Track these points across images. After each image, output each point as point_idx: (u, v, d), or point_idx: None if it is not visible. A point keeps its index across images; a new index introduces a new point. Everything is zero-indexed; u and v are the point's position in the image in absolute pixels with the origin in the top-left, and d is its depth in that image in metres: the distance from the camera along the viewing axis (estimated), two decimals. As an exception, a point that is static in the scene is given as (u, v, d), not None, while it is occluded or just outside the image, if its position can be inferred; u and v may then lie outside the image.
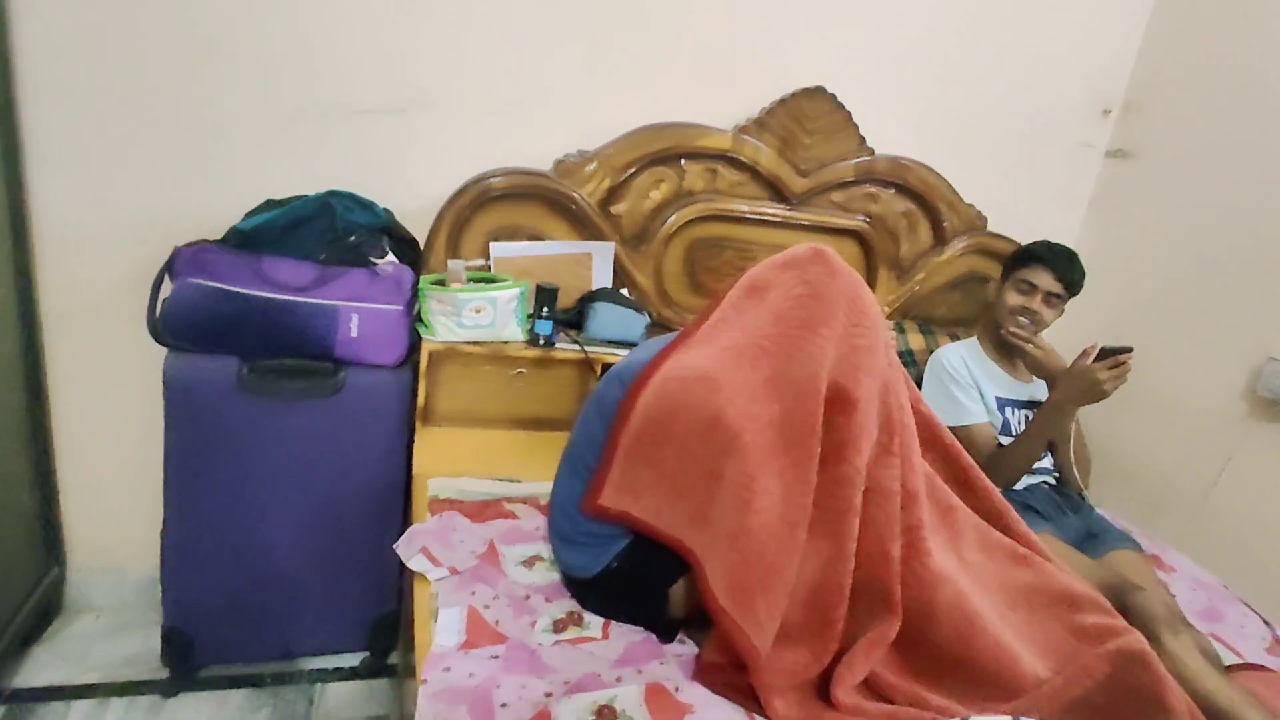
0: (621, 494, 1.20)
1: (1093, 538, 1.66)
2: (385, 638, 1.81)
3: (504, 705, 1.07)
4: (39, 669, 1.69)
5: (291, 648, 1.75)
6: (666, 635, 1.27)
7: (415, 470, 1.71)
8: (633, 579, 1.25)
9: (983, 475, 1.39)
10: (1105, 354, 1.60)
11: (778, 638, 1.14)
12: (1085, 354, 1.61)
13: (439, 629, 1.19)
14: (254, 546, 1.63)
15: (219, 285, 1.49)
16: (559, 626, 1.25)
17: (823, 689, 1.14)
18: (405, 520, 1.66)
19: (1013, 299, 1.78)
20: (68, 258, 1.67)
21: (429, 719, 1.02)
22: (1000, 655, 1.13)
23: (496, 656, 1.16)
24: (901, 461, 1.21)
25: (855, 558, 1.14)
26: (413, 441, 1.70)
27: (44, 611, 1.80)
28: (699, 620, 1.22)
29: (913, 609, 1.16)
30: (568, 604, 1.32)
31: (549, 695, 1.10)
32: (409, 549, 1.38)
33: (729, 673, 1.12)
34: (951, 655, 1.14)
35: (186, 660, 1.65)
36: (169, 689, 1.66)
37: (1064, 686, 1.11)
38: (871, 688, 1.13)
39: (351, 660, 1.82)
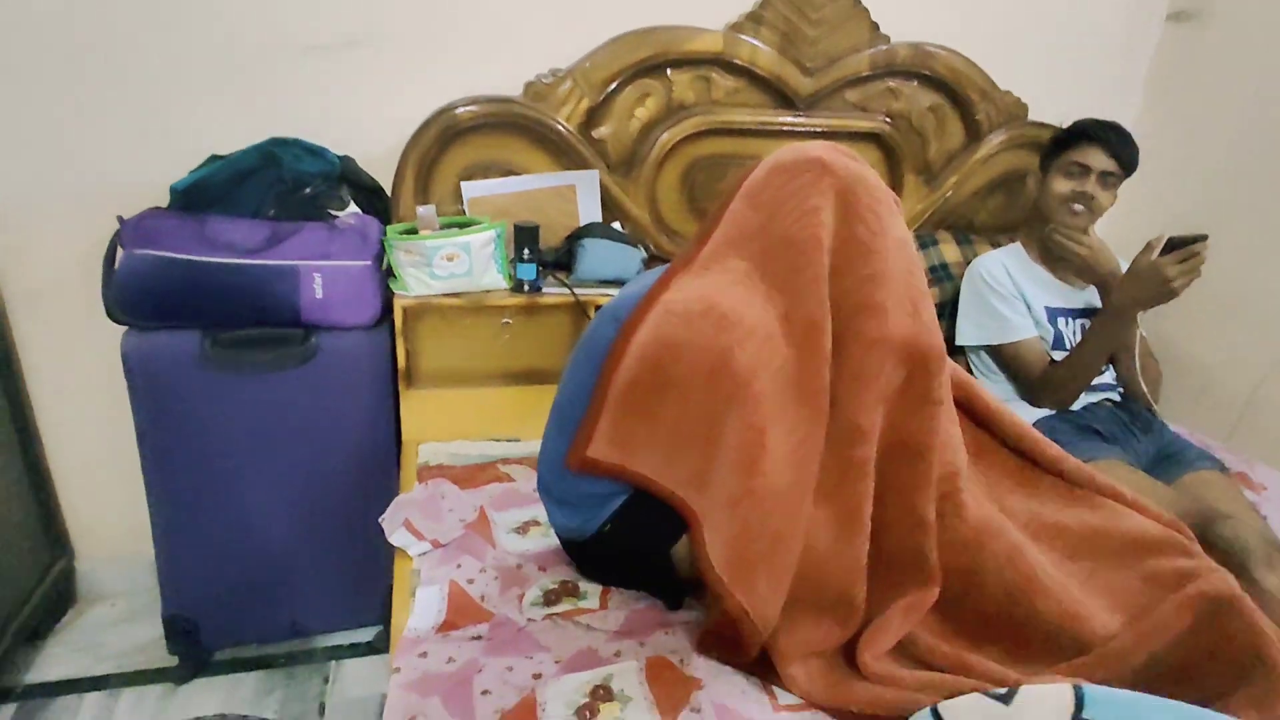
0: (613, 446, 1.05)
1: (1167, 459, 1.46)
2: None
3: (485, 692, 0.95)
4: (53, 662, 1.66)
5: (302, 627, 1.69)
6: (672, 600, 1.13)
7: (404, 437, 1.59)
8: (631, 540, 1.11)
9: (1004, 408, 1.18)
10: (1173, 245, 1.37)
11: (794, 606, 0.99)
12: (1150, 247, 1.38)
13: (416, 610, 1.08)
14: (246, 526, 1.55)
15: (165, 254, 1.36)
16: (551, 598, 1.13)
17: (849, 656, 1.00)
18: (397, 489, 1.55)
19: (1061, 186, 1.54)
20: (22, 238, 1.57)
21: (399, 713, 0.91)
22: (1062, 613, 0.96)
23: (479, 637, 1.05)
24: (939, 407, 1.01)
25: (881, 525, 0.98)
26: (399, 406, 1.58)
27: (56, 602, 1.77)
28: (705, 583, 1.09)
29: (956, 569, 0.99)
30: (563, 572, 1.19)
31: (537, 677, 0.99)
32: (393, 522, 1.26)
33: (733, 646, 0.98)
34: (1003, 616, 0.98)
35: (193, 646, 1.60)
36: (180, 676, 1.61)
37: (1136, 643, 0.94)
38: (907, 652, 0.98)
39: (366, 635, 1.76)
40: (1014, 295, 1.58)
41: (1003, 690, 0.82)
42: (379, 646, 1.73)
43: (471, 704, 0.94)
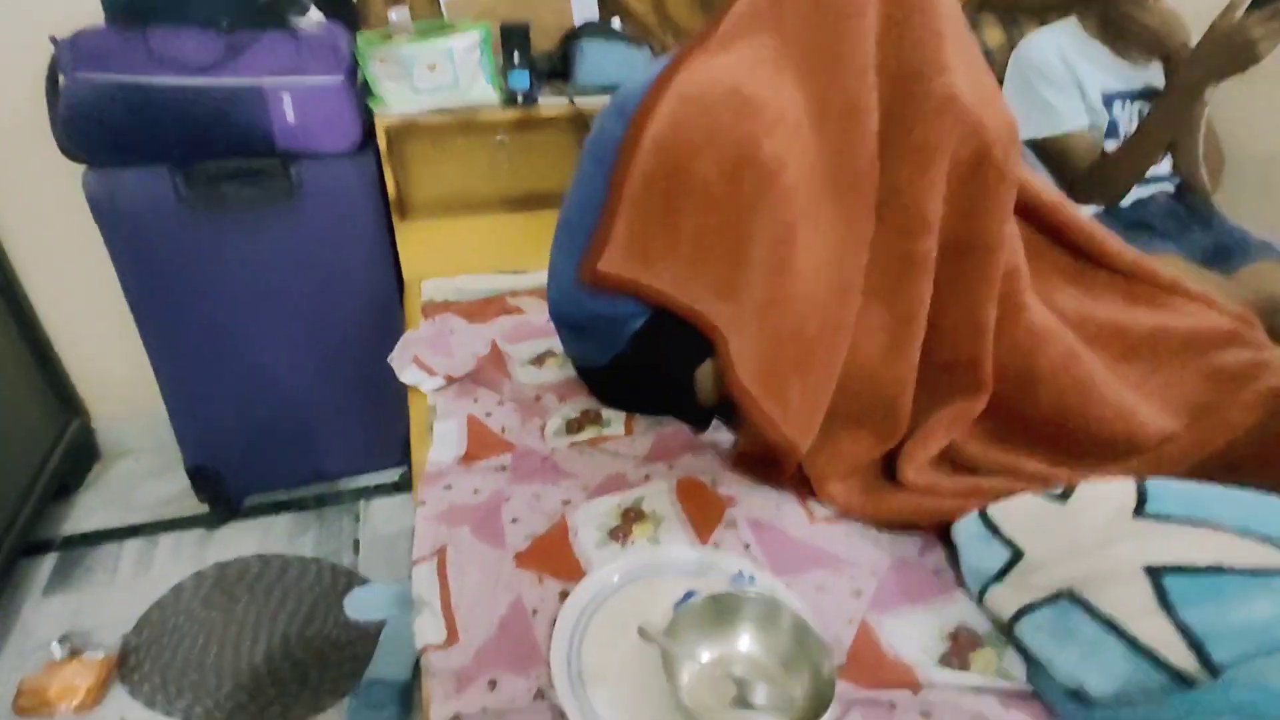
0: (628, 258, 0.95)
1: (1224, 252, 1.36)
2: (418, 450, 1.73)
3: (514, 520, 0.93)
4: (86, 514, 1.69)
5: (326, 471, 1.70)
6: (699, 423, 1.08)
7: (405, 274, 1.50)
8: (653, 365, 1.04)
9: (1059, 197, 1.05)
10: (1258, 3, 1.19)
11: (833, 420, 0.93)
12: (1233, 6, 1.20)
13: (435, 444, 1.04)
14: (255, 376, 1.51)
15: (111, 78, 1.21)
16: (574, 426, 1.08)
17: (888, 471, 0.96)
18: (404, 330, 1.48)
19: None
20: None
21: (428, 545, 0.89)
22: (1116, 417, 0.90)
23: (504, 468, 1.01)
24: (1011, 192, 0.88)
25: (934, 329, 0.89)
26: (395, 242, 1.48)
27: (79, 458, 1.77)
28: (733, 404, 1.03)
29: (1008, 375, 0.92)
30: (584, 401, 1.14)
31: (566, 503, 0.96)
32: (402, 360, 1.20)
33: (767, 466, 0.94)
34: (1054, 422, 0.92)
35: (221, 494, 1.61)
36: (213, 521, 1.64)
37: (1196, 443, 0.88)
38: (950, 462, 0.93)
39: (391, 476, 1.77)
40: (1066, 80, 1.41)
41: (1058, 489, 0.77)
42: (404, 486, 1.75)
43: (501, 531, 0.91)
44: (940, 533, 0.92)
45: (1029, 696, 0.73)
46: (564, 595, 0.82)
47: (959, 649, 0.78)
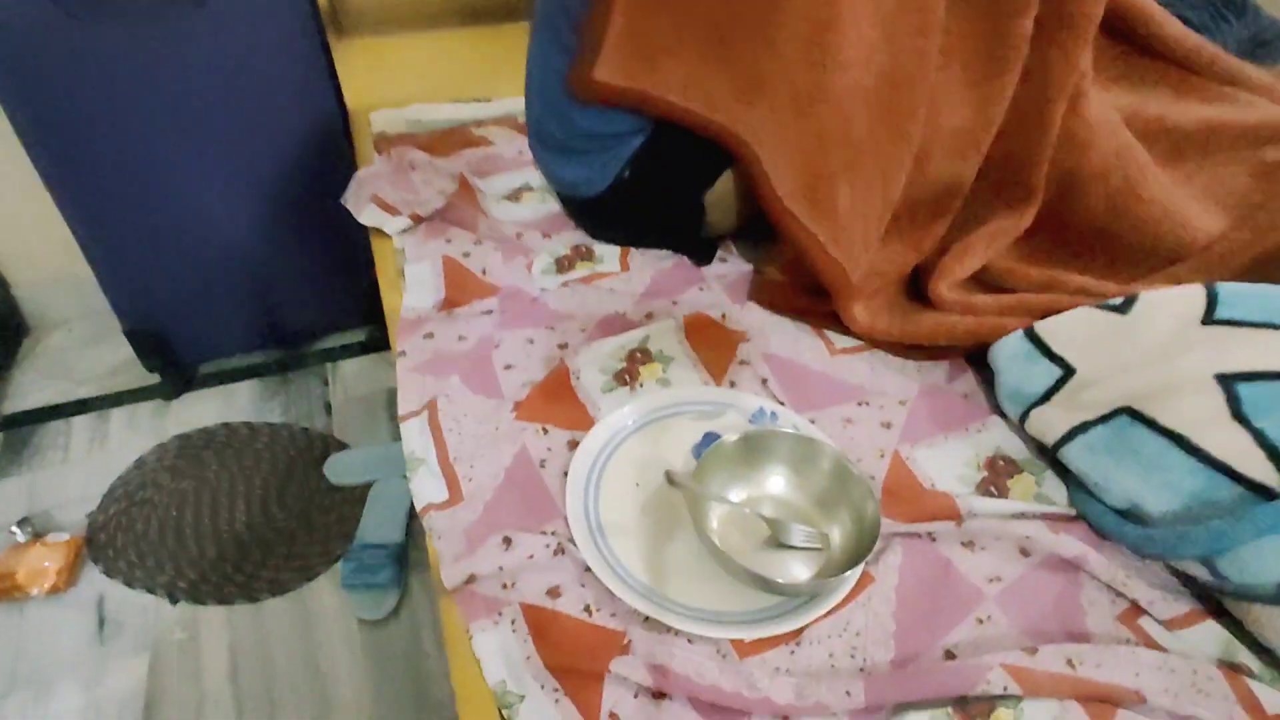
0: (629, 60, 0.80)
1: (1263, 46, 1.24)
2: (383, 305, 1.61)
3: (508, 367, 0.84)
4: (24, 391, 1.56)
5: (285, 334, 1.57)
6: (703, 256, 0.98)
7: (350, 104, 1.31)
8: (655, 189, 0.92)
9: None
10: None
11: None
12: None
13: (409, 288, 0.92)
14: (186, 223, 1.34)
15: None
16: (564, 265, 0.97)
17: (914, 291, 0.88)
18: (355, 168, 1.31)
19: None
20: None
21: (415, 399, 0.80)
22: (1164, 217, 0.82)
23: (490, 311, 0.91)
24: None
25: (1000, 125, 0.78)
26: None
27: (4, 333, 1.61)
28: (750, 232, 0.93)
29: (1057, 176, 0.83)
30: (572, 236, 1.02)
31: (563, 347, 0.87)
32: (358, 200, 1.05)
33: (796, 295, 0.85)
34: (1097, 228, 0.84)
35: (170, 361, 1.48)
36: (168, 391, 1.52)
37: (1245, 243, 0.81)
38: (983, 281, 0.85)
39: (357, 335, 1.65)
40: None
41: (1117, 300, 0.70)
42: (373, 346, 1.64)
43: (495, 380, 0.82)
44: (968, 357, 0.86)
45: (1075, 520, 0.70)
46: (573, 444, 0.75)
47: (996, 476, 0.74)
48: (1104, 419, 0.67)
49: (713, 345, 0.87)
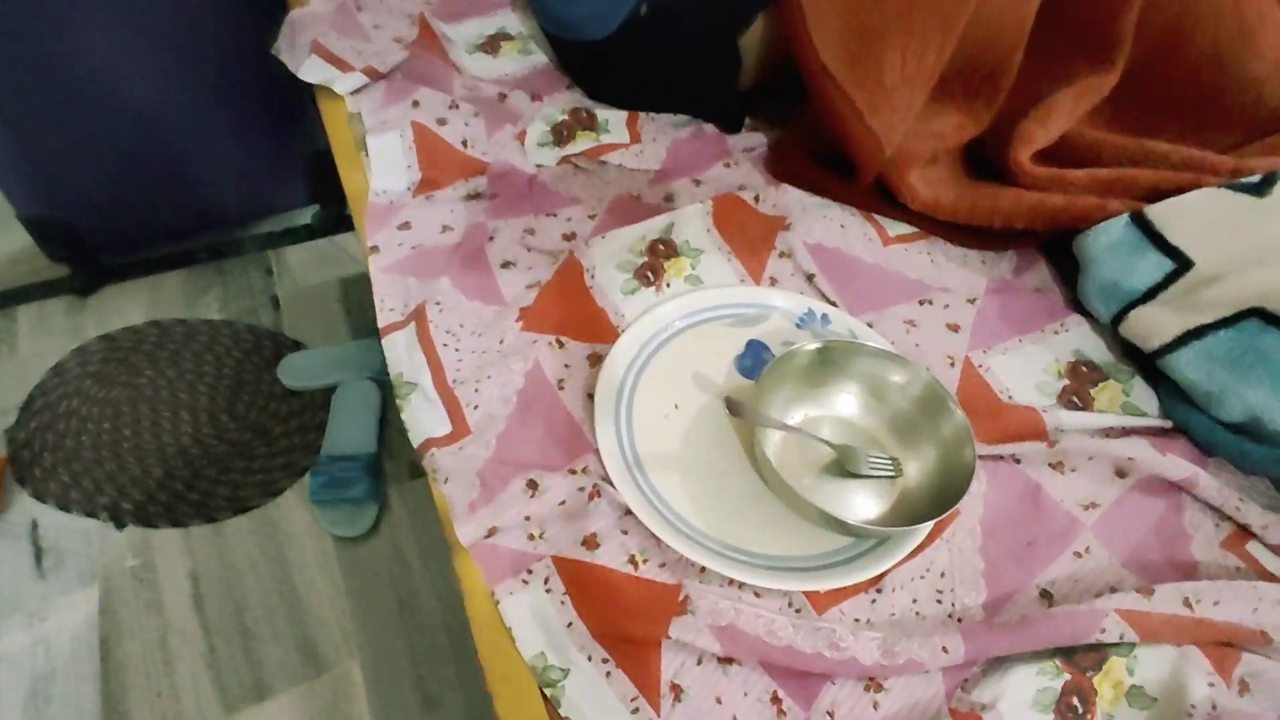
0: None
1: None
2: (332, 181, 1.39)
3: (507, 265, 0.69)
4: (-95, 289, 1.33)
5: (215, 217, 1.35)
6: (732, 122, 0.82)
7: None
8: (680, 30, 0.75)
9: None
10: None
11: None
12: None
13: (374, 166, 0.75)
14: (86, 87, 1.09)
15: None
16: (563, 134, 0.80)
17: (980, 162, 0.75)
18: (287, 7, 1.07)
19: None
20: None
21: (398, 307, 0.66)
22: (1277, 67, 0.70)
23: (478, 195, 0.74)
24: None
25: None
26: None
27: None
28: (784, 89, 0.77)
29: (1148, 22, 0.69)
30: (567, 98, 0.85)
31: (570, 239, 0.72)
32: (294, 50, 0.84)
33: (808, 167, 0.72)
34: (1198, 87, 0.71)
35: (79, 249, 1.27)
36: (81, 286, 1.31)
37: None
38: (1068, 157, 0.72)
39: (301, 217, 1.45)
40: None
41: (1253, 178, 0.59)
42: (321, 229, 1.44)
43: (493, 281, 0.68)
44: (1041, 246, 0.75)
45: (1172, 434, 0.62)
46: (594, 359, 0.62)
47: (1079, 384, 0.65)
48: (1227, 322, 0.57)
49: (747, 234, 0.73)
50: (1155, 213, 0.61)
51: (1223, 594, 0.51)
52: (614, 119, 0.82)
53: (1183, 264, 0.60)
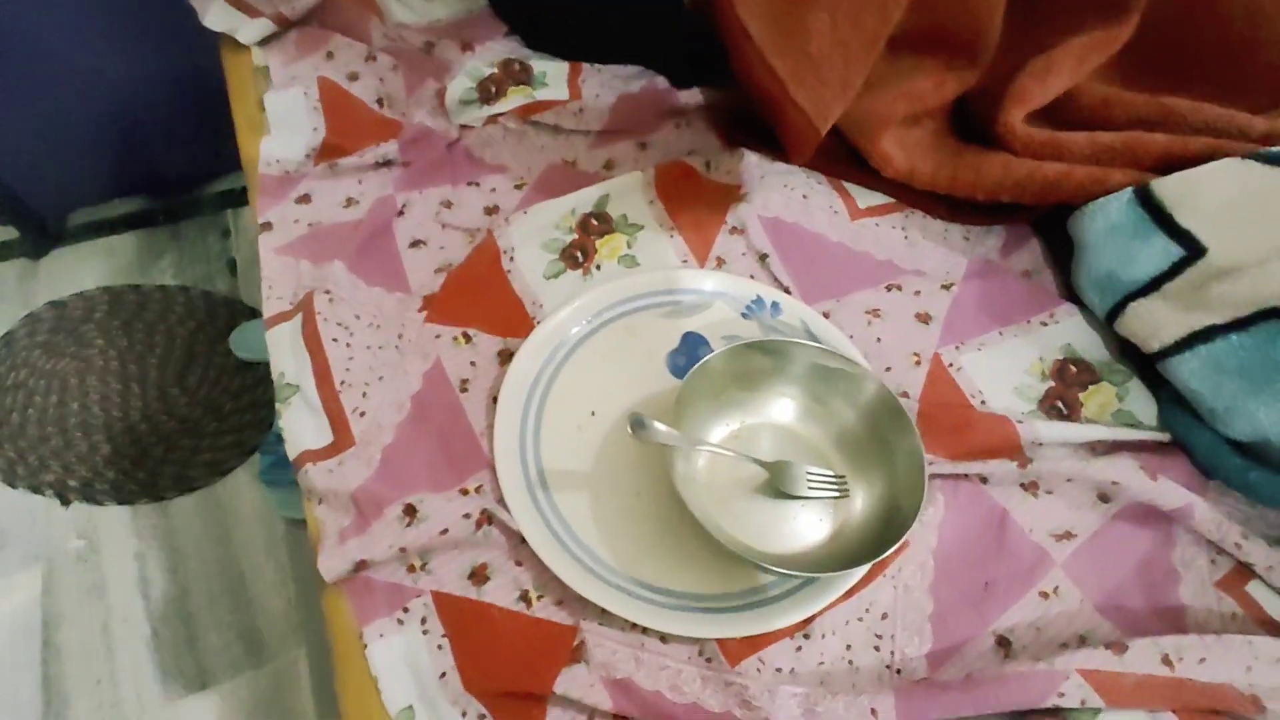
0: None
1: None
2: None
3: (415, 245, 0.61)
4: None
5: (167, 176, 1.28)
6: (684, 73, 0.72)
7: None
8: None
9: None
10: None
11: (889, 45, 0.59)
12: None
13: (273, 130, 0.66)
14: (14, 40, 1.01)
15: None
16: (490, 90, 0.71)
17: (967, 125, 0.65)
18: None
19: None
20: None
21: (285, 294, 0.58)
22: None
23: (388, 163, 0.66)
24: None
25: None
26: None
27: None
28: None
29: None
30: (502, 46, 0.75)
31: (492, 213, 0.64)
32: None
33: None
34: (1227, 41, 0.60)
35: (24, 212, 1.21)
36: (31, 249, 1.26)
37: None
38: (1071, 119, 0.62)
39: (260, 174, 1.36)
40: None
41: (1273, 149, 0.49)
42: (282, 186, 1.36)
43: (398, 264, 0.60)
44: (1034, 221, 0.65)
45: (1172, 449, 0.53)
46: (505, 356, 0.55)
47: (1065, 387, 0.56)
48: (1241, 324, 0.48)
49: (695, 206, 0.64)
50: (1163, 188, 0.51)
51: (1211, 650, 0.44)
52: (552, 72, 0.72)
53: (1193, 250, 0.50)
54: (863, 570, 0.46)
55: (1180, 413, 0.53)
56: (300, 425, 0.52)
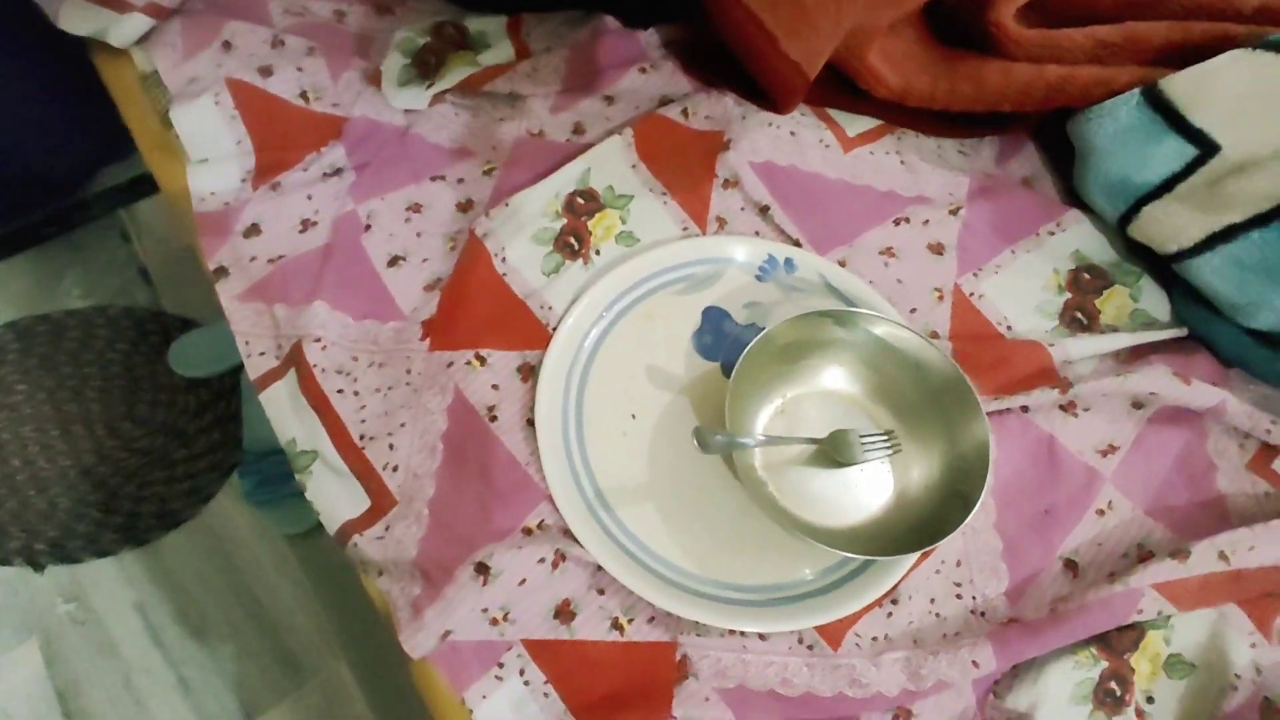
0: None
1: None
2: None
3: (395, 262, 0.55)
4: None
5: (51, 177, 1.12)
6: (631, 9, 0.65)
7: None
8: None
9: None
10: None
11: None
12: None
13: (191, 156, 0.57)
14: None
15: None
16: (429, 63, 0.62)
17: (955, 30, 0.61)
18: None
19: None
20: None
21: (265, 351, 0.52)
22: None
23: (338, 171, 0.58)
24: None
25: None
26: None
27: None
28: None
29: None
30: (427, 9, 0.66)
31: (466, 209, 0.58)
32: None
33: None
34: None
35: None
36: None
37: None
38: (1059, 5, 0.58)
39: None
40: None
41: (1290, 37, 0.48)
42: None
43: (382, 287, 0.55)
44: (1030, 127, 0.63)
45: (1192, 344, 0.55)
46: (526, 371, 0.51)
47: (1081, 297, 0.57)
48: (1262, 220, 0.48)
49: (681, 163, 0.60)
50: (1173, 86, 0.50)
51: (1259, 538, 0.47)
52: (491, 30, 0.64)
53: (1206, 149, 0.50)
54: (951, 542, 0.46)
55: (1196, 307, 0.54)
56: (331, 495, 0.48)
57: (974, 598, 0.48)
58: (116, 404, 1.04)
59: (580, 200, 0.58)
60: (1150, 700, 0.45)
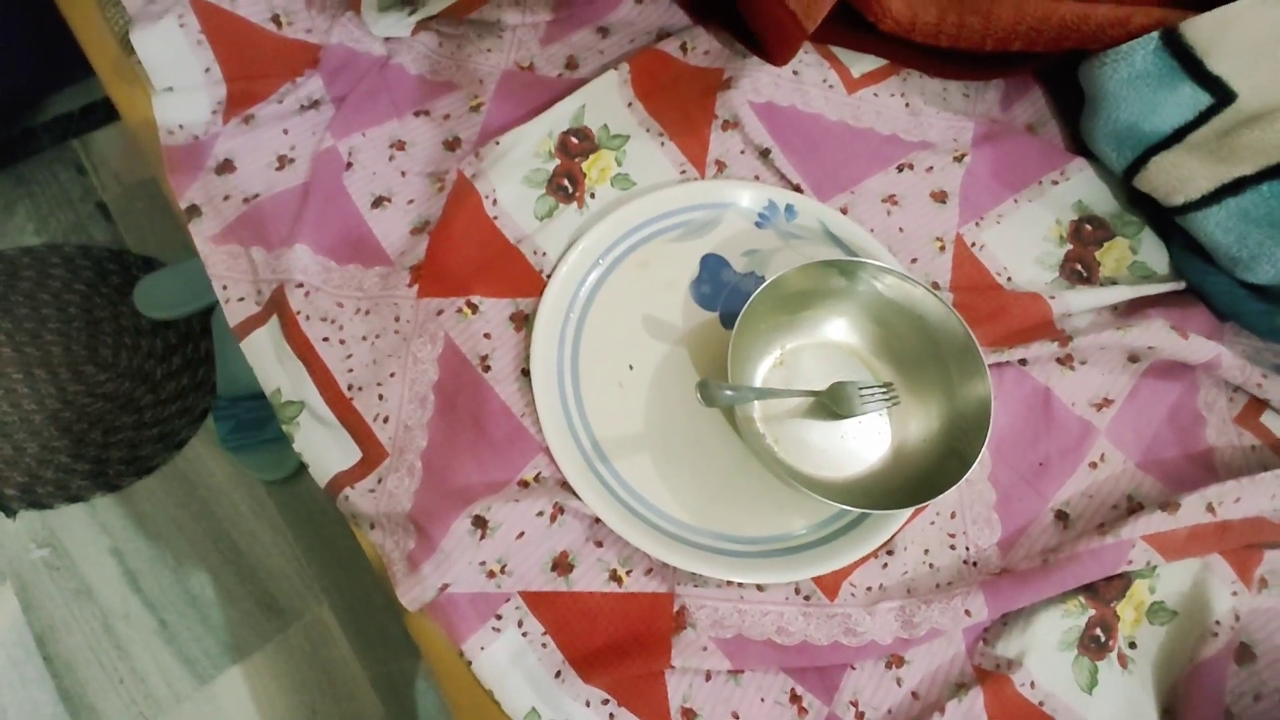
0: None
1: None
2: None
3: (379, 203, 0.53)
4: None
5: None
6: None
7: None
8: None
9: None
10: None
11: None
12: None
13: (155, 84, 0.53)
14: None
15: None
16: (409, -14, 0.58)
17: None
18: None
19: None
20: None
21: (243, 296, 0.50)
22: None
23: (315, 104, 0.55)
24: None
25: None
26: None
27: None
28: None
29: None
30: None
31: (453, 148, 0.55)
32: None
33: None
34: None
35: None
36: None
37: None
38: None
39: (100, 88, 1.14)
40: None
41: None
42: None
43: (366, 230, 0.52)
44: (1037, 71, 0.61)
45: (1188, 299, 0.55)
46: (519, 319, 0.50)
47: (1081, 249, 0.56)
48: (1273, 172, 0.48)
49: (679, 102, 0.57)
50: (1193, 30, 0.48)
51: (1244, 490, 0.48)
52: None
53: (1222, 97, 0.48)
54: (946, 494, 0.46)
55: (1194, 259, 0.54)
56: (319, 446, 0.46)
57: (967, 548, 0.48)
58: (77, 347, 1.00)
59: (574, 140, 0.55)
60: (1133, 645, 0.46)
